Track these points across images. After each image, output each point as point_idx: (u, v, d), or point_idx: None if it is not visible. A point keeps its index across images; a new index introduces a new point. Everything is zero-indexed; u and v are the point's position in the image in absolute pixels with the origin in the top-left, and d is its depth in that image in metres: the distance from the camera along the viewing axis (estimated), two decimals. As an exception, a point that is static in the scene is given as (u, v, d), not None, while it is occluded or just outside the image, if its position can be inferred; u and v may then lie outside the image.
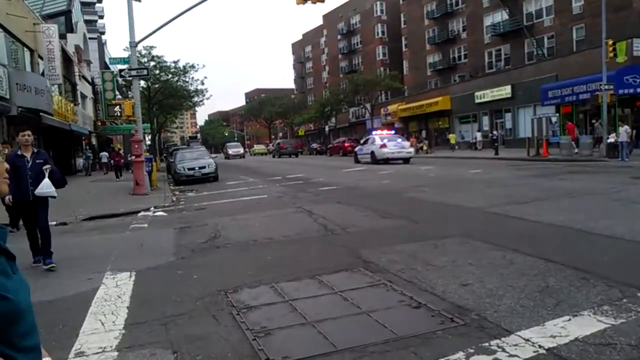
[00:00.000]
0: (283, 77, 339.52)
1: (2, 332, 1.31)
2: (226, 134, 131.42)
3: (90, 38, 46.38)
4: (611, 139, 24.36)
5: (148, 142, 51.67)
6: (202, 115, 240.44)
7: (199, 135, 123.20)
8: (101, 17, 60.46)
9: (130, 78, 21.64)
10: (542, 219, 8.84)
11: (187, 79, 49.62)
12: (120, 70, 23.90)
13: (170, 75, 47.70)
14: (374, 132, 33.98)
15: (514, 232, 8.00)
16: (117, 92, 43.25)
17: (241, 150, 63.42)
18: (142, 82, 41.28)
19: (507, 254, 6.58)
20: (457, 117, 48.03)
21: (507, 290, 5.13)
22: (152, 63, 44.94)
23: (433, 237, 7.91)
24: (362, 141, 36.48)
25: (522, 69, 40.93)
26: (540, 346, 3.80)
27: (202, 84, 52.71)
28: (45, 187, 7.13)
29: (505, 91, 40.70)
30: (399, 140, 30.85)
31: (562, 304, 4.65)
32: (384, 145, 29.32)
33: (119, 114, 39.76)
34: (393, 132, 35.94)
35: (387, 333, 4.25)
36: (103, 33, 60.36)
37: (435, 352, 3.84)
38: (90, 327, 4.85)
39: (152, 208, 14.58)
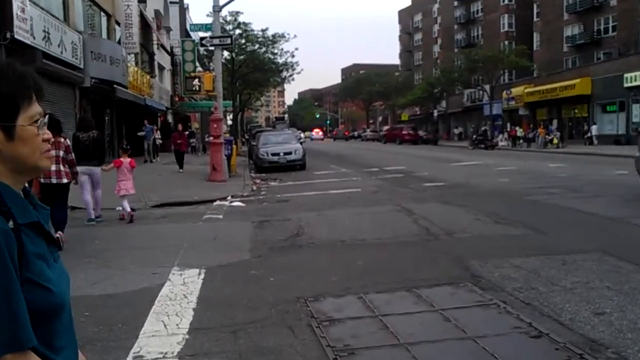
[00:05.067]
0: (386, 51, 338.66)
1: (42, 329, 1.28)
2: (318, 116, 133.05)
3: (171, 2, 48.33)
4: None
5: (229, 122, 53.22)
6: (291, 93, 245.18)
7: (286, 116, 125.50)
8: (184, -21, 62.95)
9: (212, 48, 22.32)
10: None
11: (275, 51, 50.36)
12: (202, 39, 24.63)
13: (257, 46, 48.52)
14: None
15: (668, 252, 7.41)
16: (197, 64, 44.77)
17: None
18: (226, 53, 42.33)
19: (658, 278, 6.10)
20: (599, 104, 45.45)
21: (656, 325, 4.75)
22: (238, 31, 45.92)
23: (561, 251, 7.51)
24: None
25: (690, 45, 38.07)
26: (698, 401, 3.46)
27: (293, 56, 52.70)
28: None
29: (666, 73, 38.03)
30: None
31: None
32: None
33: (197, 88, 41.21)
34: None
35: (497, 366, 4.06)
36: (186, -3, 62.85)
37: (557, 395, 3.61)
38: (151, 329, 5.02)
39: (229, 197, 15.01)
